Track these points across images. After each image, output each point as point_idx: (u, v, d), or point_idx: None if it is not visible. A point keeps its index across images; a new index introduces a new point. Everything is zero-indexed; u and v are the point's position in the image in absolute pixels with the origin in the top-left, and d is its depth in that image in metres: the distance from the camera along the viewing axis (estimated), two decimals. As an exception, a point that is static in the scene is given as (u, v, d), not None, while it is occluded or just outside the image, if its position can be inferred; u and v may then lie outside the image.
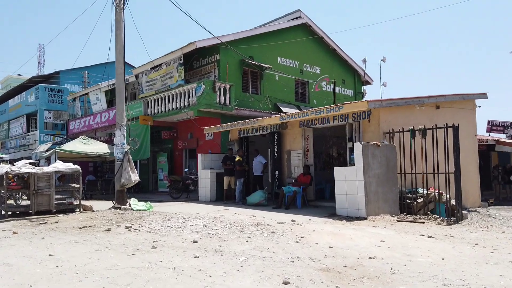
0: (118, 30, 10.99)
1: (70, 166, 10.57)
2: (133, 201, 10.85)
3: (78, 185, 10.67)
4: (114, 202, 10.85)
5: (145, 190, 19.09)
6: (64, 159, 15.77)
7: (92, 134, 21.34)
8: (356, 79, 22.04)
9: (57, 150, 15.20)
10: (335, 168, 8.65)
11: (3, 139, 34.32)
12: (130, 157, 11.08)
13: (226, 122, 14.71)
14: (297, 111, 14.30)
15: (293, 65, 18.74)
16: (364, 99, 20.29)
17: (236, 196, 11.63)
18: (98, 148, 16.41)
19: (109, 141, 19.63)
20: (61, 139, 24.72)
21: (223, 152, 14.62)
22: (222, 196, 12.93)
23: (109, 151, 16.35)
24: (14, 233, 7.20)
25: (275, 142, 11.47)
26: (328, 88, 20.47)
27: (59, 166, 10.43)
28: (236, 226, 7.09)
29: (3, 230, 7.60)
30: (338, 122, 9.99)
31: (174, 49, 16.36)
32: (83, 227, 7.72)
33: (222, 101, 15.01)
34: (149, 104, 17.33)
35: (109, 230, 7.25)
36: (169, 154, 17.96)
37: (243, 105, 15.94)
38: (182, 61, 15.63)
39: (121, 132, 11.03)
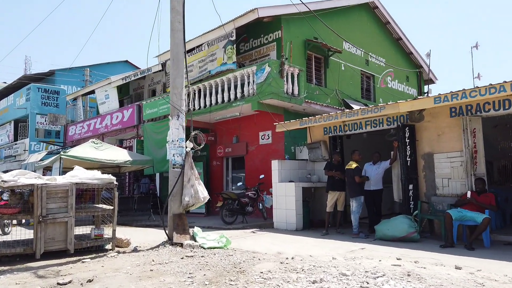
0: (175, -36, 7.11)
1: (97, 175, 6.49)
2: (198, 232, 6.78)
3: (112, 207, 6.57)
4: (167, 233, 6.74)
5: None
6: (69, 169, 11.66)
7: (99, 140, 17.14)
8: (419, 76, 18.47)
9: (62, 156, 11.03)
10: None
11: (-15, 149, 29.66)
12: (192, 162, 7.06)
13: (289, 119, 10.87)
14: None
15: (358, 54, 15.06)
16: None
17: (354, 224, 7.59)
18: (115, 154, 12.24)
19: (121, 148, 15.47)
20: (58, 148, 20.42)
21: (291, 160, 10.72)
22: (312, 223, 8.96)
23: (130, 159, 12.23)
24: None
25: (406, 141, 7.58)
26: (393, 85, 16.83)
27: (80, 174, 6.34)
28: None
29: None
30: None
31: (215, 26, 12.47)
32: (160, 299, 3.64)
33: (290, 90, 11.15)
34: (181, 98, 13.31)
35: (231, 313, 3.20)
36: (205, 164, 13.88)
37: (309, 98, 12.09)
38: (233, 37, 11.75)
39: (179, 122, 7.02)
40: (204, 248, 6.24)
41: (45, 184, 5.75)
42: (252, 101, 11.01)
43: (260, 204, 10.89)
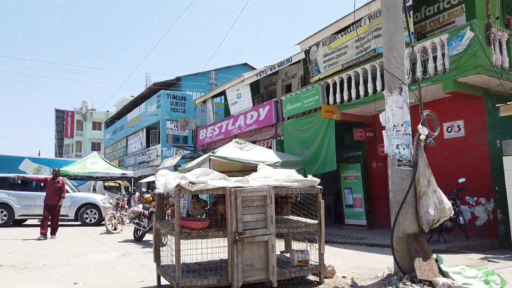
0: None
1: (294, 175, 4.62)
2: (446, 264, 4.44)
3: (316, 221, 4.64)
4: (398, 261, 4.54)
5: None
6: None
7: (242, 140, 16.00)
8: None
9: (211, 157, 9.79)
10: None
11: (121, 156, 31.83)
12: (425, 158, 4.78)
13: (491, 103, 7.91)
14: None
15: None
16: None
17: None
18: (262, 155, 10.71)
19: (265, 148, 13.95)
20: (189, 152, 20.18)
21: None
22: None
23: (279, 160, 10.54)
24: None
25: None
26: None
27: (275, 175, 4.52)
28: None
29: None
30: None
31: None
32: None
33: (499, 62, 8.20)
34: (331, 88, 11.27)
35: None
36: (362, 166, 11.51)
37: None
38: (409, 2, 9.25)
39: (402, 99, 4.84)
40: (473, 292, 3.89)
41: (239, 187, 4.03)
42: (444, 80, 8.33)
43: (461, 218, 8.12)
